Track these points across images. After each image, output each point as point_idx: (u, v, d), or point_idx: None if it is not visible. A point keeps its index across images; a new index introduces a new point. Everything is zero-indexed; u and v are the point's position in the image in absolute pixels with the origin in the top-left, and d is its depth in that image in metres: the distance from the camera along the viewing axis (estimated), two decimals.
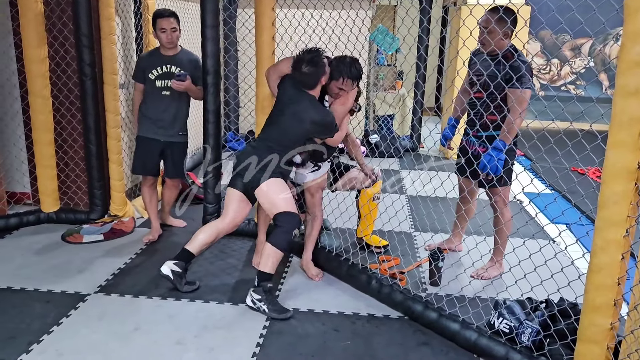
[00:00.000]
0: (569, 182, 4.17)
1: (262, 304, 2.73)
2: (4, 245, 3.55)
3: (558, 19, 2.39)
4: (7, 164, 4.12)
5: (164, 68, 3.47)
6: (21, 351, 2.35)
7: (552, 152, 2.48)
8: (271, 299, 2.75)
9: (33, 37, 3.58)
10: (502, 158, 2.86)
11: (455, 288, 2.89)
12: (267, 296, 2.74)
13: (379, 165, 5.96)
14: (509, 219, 3.08)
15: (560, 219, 2.63)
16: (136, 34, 4.38)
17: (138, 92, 3.58)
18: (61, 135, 3.95)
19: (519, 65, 2.77)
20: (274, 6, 3.39)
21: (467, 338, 2.46)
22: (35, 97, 3.69)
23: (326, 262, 3.26)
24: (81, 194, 4.07)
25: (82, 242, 3.60)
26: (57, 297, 2.86)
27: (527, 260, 2.46)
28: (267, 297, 2.73)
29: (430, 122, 8.40)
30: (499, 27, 2.76)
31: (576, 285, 2.20)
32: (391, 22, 9.20)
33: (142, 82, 3.52)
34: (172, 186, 3.76)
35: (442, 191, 3.25)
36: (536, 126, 2.40)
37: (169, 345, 2.45)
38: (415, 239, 3.85)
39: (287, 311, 2.75)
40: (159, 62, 3.47)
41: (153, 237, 3.67)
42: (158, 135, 3.53)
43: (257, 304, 2.74)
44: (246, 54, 4.89)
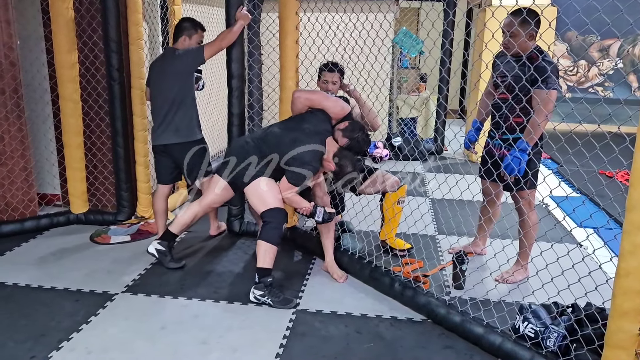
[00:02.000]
0: (597, 185, 4.09)
1: (265, 298, 2.83)
2: (36, 245, 3.65)
3: (584, 20, 2.36)
4: (39, 166, 4.24)
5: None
6: (52, 348, 2.42)
7: (579, 154, 2.45)
8: (274, 292, 2.85)
9: (64, 43, 3.68)
10: (526, 159, 2.83)
11: (479, 292, 2.87)
12: (269, 290, 2.84)
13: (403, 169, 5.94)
14: (536, 222, 3.04)
15: (588, 222, 2.59)
16: (163, 39, 4.46)
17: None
18: (90, 138, 4.05)
19: (544, 66, 2.73)
20: (297, 10, 3.42)
21: (491, 342, 2.44)
22: (66, 101, 3.80)
23: (349, 265, 3.26)
24: (109, 195, 4.16)
25: (109, 242, 3.68)
26: (86, 296, 2.93)
27: (553, 264, 2.43)
28: (269, 291, 2.84)
29: (454, 124, 8.33)
30: (522, 29, 2.74)
31: (604, 289, 2.16)
32: (415, 25, 9.17)
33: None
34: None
35: (468, 194, 3.23)
36: (563, 128, 2.37)
37: (194, 345, 2.48)
38: (439, 243, 3.83)
39: (292, 300, 2.85)
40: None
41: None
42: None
43: (260, 299, 2.84)
44: (270, 58, 4.94)
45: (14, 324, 2.61)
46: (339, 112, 3.06)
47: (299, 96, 3.05)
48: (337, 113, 3.06)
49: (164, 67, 3.34)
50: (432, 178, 5.55)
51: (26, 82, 4.00)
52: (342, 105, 3.09)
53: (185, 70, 3.32)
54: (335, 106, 3.06)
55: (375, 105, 3.51)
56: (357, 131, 2.97)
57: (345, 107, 3.10)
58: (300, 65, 3.56)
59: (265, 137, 3.03)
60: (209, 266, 3.36)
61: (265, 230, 2.87)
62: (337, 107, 3.06)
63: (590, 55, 8.86)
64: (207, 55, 3.30)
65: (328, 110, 3.04)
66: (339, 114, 3.06)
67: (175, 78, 3.30)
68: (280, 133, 2.99)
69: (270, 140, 2.98)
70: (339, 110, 3.06)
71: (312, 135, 2.93)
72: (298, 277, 3.22)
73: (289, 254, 3.57)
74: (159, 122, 3.38)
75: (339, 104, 3.08)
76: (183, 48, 3.35)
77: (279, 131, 3.02)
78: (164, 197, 3.55)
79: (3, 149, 3.78)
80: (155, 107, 3.42)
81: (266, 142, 2.99)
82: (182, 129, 3.36)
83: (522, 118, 2.87)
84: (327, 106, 3.04)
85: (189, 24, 3.42)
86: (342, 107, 3.08)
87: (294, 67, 3.50)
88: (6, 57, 3.67)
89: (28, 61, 4.05)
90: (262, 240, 2.86)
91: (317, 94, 3.11)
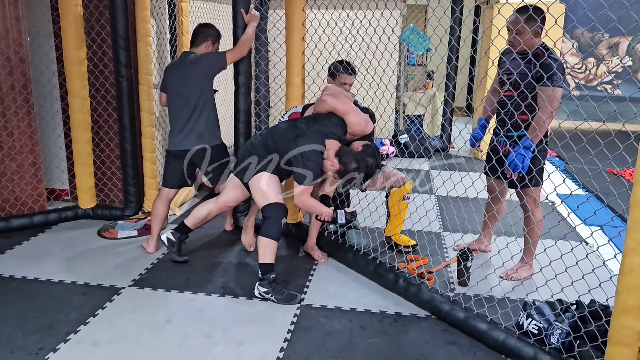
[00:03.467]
0: (602, 183, 4.09)
1: (269, 295, 2.84)
2: (44, 239, 3.69)
3: (591, 17, 2.36)
4: (47, 161, 4.29)
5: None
6: (59, 340, 2.45)
7: (584, 152, 2.45)
8: (277, 288, 2.86)
9: (73, 40, 3.71)
10: (530, 157, 2.83)
11: (484, 288, 2.88)
12: (273, 287, 2.85)
13: (408, 165, 5.95)
14: (540, 220, 3.04)
15: (592, 219, 2.58)
16: (170, 35, 4.49)
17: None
18: (98, 134, 4.09)
19: (550, 63, 2.73)
20: (304, 7, 3.43)
21: (495, 338, 2.45)
22: (74, 97, 3.83)
23: (354, 261, 3.28)
24: (116, 191, 4.20)
25: (117, 237, 3.71)
26: (93, 289, 2.97)
27: (557, 261, 2.43)
28: (273, 288, 2.85)
29: (460, 121, 8.31)
30: (527, 26, 2.74)
31: (608, 286, 2.17)
32: (422, 22, 9.15)
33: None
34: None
35: (472, 191, 3.23)
36: (569, 126, 2.37)
37: (199, 338, 2.51)
38: (444, 239, 3.84)
39: (296, 296, 2.88)
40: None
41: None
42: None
43: (265, 296, 2.86)
44: (276, 55, 4.96)
45: (23, 316, 2.65)
46: (358, 131, 2.98)
47: (326, 101, 2.95)
48: (356, 132, 2.98)
49: (184, 72, 3.28)
50: (437, 175, 5.55)
51: (35, 78, 4.04)
52: (365, 124, 3.00)
53: (207, 74, 3.29)
54: (358, 123, 2.97)
55: (382, 102, 3.53)
56: (369, 156, 2.88)
57: (368, 127, 3.01)
58: (307, 62, 3.58)
59: (273, 130, 3.03)
60: (215, 261, 3.39)
61: (265, 226, 2.88)
62: (360, 125, 2.97)
63: (598, 53, 8.81)
64: (229, 61, 3.31)
65: (349, 124, 2.95)
66: (357, 132, 2.99)
67: (197, 82, 3.26)
68: (287, 128, 2.97)
69: (276, 135, 2.97)
70: (360, 129, 2.98)
71: (316, 134, 2.88)
72: (303, 273, 3.24)
73: (294, 250, 3.59)
74: (180, 128, 3.33)
75: (362, 123, 2.98)
76: (202, 53, 3.32)
77: (287, 126, 2.99)
78: (167, 201, 3.47)
79: (12, 144, 3.83)
80: (175, 112, 3.35)
81: (273, 136, 2.98)
82: (205, 133, 3.34)
83: (527, 115, 2.87)
84: (349, 121, 2.95)
85: (214, 31, 3.39)
86: (365, 126, 3.00)
87: (300, 64, 3.51)
88: (16, 53, 3.71)
89: (37, 57, 4.09)
90: (262, 236, 2.87)
91: (345, 104, 2.97)
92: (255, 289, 2.90)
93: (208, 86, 3.31)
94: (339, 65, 3.47)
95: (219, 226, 3.94)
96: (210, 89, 3.33)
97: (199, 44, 3.36)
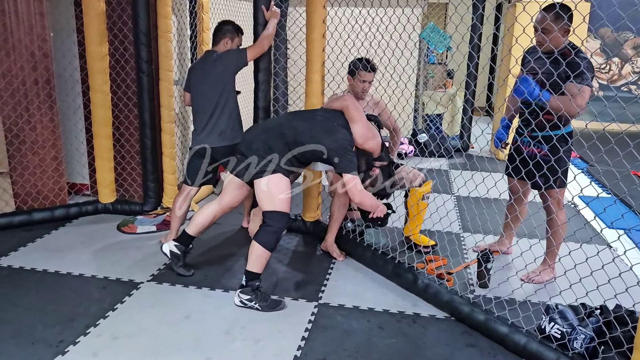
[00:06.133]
0: (629, 186, 4.00)
1: (253, 302, 2.73)
2: (65, 232, 3.73)
3: (619, 15, 2.30)
4: (69, 155, 4.33)
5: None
6: (79, 333, 2.47)
7: (611, 154, 2.39)
8: (261, 295, 2.74)
9: (95, 35, 3.74)
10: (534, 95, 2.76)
11: (505, 291, 2.83)
12: (256, 294, 2.73)
13: (429, 165, 5.90)
14: (565, 222, 2.98)
15: (618, 223, 2.52)
16: (191, 32, 4.50)
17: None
18: (119, 129, 4.12)
19: (578, 62, 2.67)
20: (325, 4, 3.41)
21: (516, 342, 2.40)
22: (96, 92, 3.86)
23: (372, 260, 3.25)
24: (136, 186, 4.23)
25: (136, 232, 3.74)
26: (112, 283, 2.99)
27: (582, 265, 2.38)
28: (256, 295, 2.73)
29: (481, 122, 8.22)
30: (555, 25, 2.68)
31: (634, 291, 2.11)
32: (442, 20, 9.07)
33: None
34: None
35: (494, 192, 3.18)
36: (595, 127, 2.31)
37: (217, 334, 2.51)
38: (464, 240, 3.79)
39: (280, 303, 2.77)
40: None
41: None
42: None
43: (247, 304, 2.74)
44: (296, 52, 4.94)
45: (44, 309, 2.68)
46: (361, 144, 2.81)
47: (345, 103, 2.82)
48: (360, 143, 2.82)
49: (206, 70, 3.27)
50: (457, 175, 5.49)
51: (58, 73, 4.09)
52: (374, 142, 2.83)
53: (228, 72, 3.26)
54: (362, 137, 2.79)
55: (401, 100, 3.48)
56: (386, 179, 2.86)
57: (375, 149, 2.85)
58: (327, 59, 3.56)
59: (288, 122, 2.82)
60: (232, 258, 3.39)
61: (263, 233, 2.71)
62: (363, 138, 2.79)
63: (625, 52, 8.63)
64: (250, 57, 3.28)
65: (354, 134, 2.78)
66: (360, 144, 2.82)
67: (218, 80, 3.24)
68: (309, 122, 2.81)
69: (298, 127, 2.77)
70: (361, 142, 2.80)
71: (342, 130, 2.77)
72: (320, 271, 3.23)
73: (312, 248, 3.58)
74: (202, 126, 3.30)
75: (369, 140, 2.81)
76: (223, 51, 3.31)
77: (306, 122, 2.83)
78: (188, 199, 3.42)
79: (35, 139, 3.88)
80: (197, 110, 3.33)
81: (292, 129, 2.76)
82: (227, 131, 3.30)
83: (552, 115, 2.81)
84: (355, 130, 2.79)
85: (231, 27, 3.36)
86: (373, 146, 2.83)
87: (320, 61, 3.49)
88: (40, 48, 3.76)
89: (60, 53, 4.14)
90: (258, 243, 2.70)
91: (359, 114, 2.83)
92: (235, 298, 2.77)
93: (230, 84, 3.30)
94: (358, 63, 3.44)
95: (236, 223, 3.94)
96: (232, 87, 3.32)
97: (217, 42, 3.35)
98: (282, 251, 3.50)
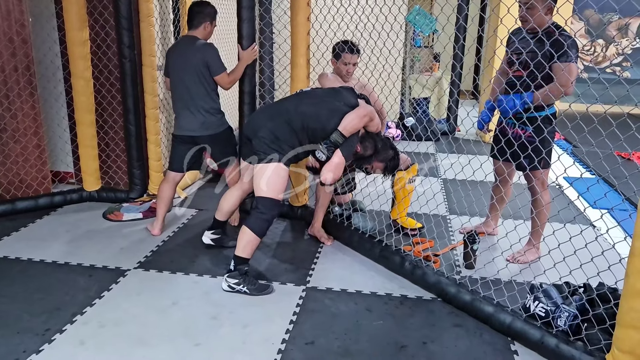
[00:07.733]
0: (611, 165, 4.04)
1: (240, 286, 2.73)
2: (50, 221, 3.70)
3: None
4: (52, 144, 4.27)
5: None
6: (66, 322, 2.46)
7: (594, 135, 2.40)
8: (249, 279, 2.76)
9: (75, 20, 3.66)
10: (519, 107, 2.85)
11: (490, 271, 2.86)
12: (244, 278, 2.75)
13: (415, 149, 5.91)
14: (549, 202, 3.01)
15: (601, 202, 2.55)
16: (173, 16, 4.43)
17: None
18: (102, 116, 4.06)
19: (561, 41, 2.67)
20: None
21: (501, 321, 2.44)
22: (78, 78, 3.80)
23: (360, 244, 3.26)
24: (121, 173, 4.19)
25: (122, 219, 3.71)
26: (99, 271, 2.97)
27: (566, 244, 2.40)
28: (244, 279, 2.74)
29: (467, 104, 8.23)
30: (539, 1, 2.67)
31: (616, 269, 2.14)
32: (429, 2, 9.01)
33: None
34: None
35: (480, 174, 3.20)
36: (578, 108, 2.32)
37: (204, 320, 2.51)
38: (450, 222, 3.81)
39: (268, 286, 2.79)
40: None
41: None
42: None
43: (235, 287, 2.74)
44: (281, 35, 4.88)
45: (29, 298, 2.66)
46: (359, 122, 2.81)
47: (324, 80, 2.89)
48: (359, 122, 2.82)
49: (187, 58, 3.20)
50: (444, 158, 5.51)
51: (38, 59, 4.01)
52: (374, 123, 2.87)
53: (205, 68, 3.20)
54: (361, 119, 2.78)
55: (387, 84, 3.47)
56: (389, 149, 2.91)
57: (378, 128, 2.91)
58: (312, 43, 3.52)
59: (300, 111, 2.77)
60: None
61: (255, 219, 2.71)
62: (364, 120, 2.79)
63: (609, 34, 8.67)
64: (224, 81, 3.27)
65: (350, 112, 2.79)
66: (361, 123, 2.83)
67: (198, 71, 3.19)
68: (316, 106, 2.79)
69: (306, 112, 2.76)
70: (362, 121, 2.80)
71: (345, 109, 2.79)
72: (308, 255, 3.23)
73: (299, 233, 3.58)
74: (184, 112, 3.28)
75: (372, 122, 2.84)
76: (204, 37, 3.26)
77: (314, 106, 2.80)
78: (173, 185, 3.45)
79: (16, 126, 3.81)
80: (178, 96, 3.29)
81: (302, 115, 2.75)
82: (209, 119, 3.29)
83: None
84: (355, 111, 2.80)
85: (211, 9, 3.28)
86: (375, 125, 2.88)
87: (305, 45, 3.46)
88: (18, 34, 3.67)
89: (40, 38, 4.05)
90: (249, 229, 2.70)
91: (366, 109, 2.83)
92: (222, 283, 2.78)
93: (209, 76, 3.25)
94: (343, 45, 3.42)
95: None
96: (210, 77, 3.26)
97: (197, 25, 3.26)
98: (270, 236, 3.50)
